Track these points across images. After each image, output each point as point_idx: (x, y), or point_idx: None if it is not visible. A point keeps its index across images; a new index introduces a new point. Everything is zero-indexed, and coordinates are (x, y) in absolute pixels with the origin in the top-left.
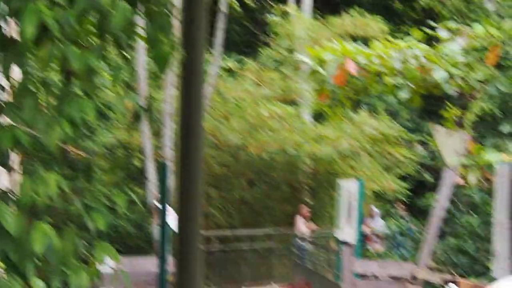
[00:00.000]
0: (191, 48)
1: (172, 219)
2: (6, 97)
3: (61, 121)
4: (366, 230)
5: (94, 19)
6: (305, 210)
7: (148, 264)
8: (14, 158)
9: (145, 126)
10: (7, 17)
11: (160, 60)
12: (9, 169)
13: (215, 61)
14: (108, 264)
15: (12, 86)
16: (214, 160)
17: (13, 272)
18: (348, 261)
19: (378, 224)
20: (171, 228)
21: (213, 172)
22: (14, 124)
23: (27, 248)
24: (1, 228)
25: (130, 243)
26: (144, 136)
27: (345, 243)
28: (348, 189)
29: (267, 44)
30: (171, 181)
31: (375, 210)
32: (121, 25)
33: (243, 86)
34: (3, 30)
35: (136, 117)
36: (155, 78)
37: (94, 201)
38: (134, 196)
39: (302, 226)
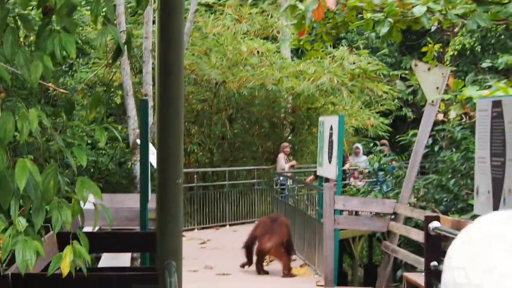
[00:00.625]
0: None
1: (152, 156)
2: None
3: (42, 56)
4: (348, 167)
5: None
6: (285, 146)
7: (129, 201)
8: None
9: (125, 63)
10: None
11: None
12: None
13: None
14: (89, 200)
15: None
16: (193, 96)
17: None
18: (329, 198)
19: (362, 161)
20: (152, 165)
21: (193, 108)
22: None
23: (10, 185)
24: None
25: (111, 180)
26: (124, 73)
27: (326, 179)
28: (329, 125)
29: None
30: (152, 117)
31: (360, 147)
32: None
33: (223, 22)
34: None
35: (117, 53)
36: (135, 14)
37: (75, 137)
38: (116, 132)
39: (283, 163)
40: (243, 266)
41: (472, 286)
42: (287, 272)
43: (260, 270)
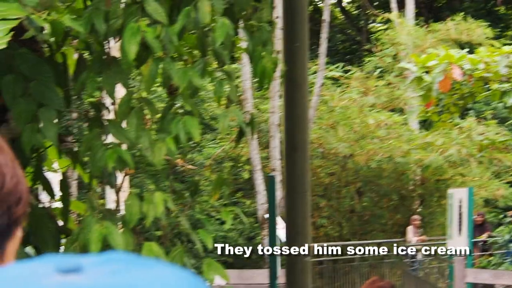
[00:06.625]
0: (294, 62)
1: (281, 230)
2: (111, 116)
3: (165, 138)
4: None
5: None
6: (415, 219)
7: (259, 276)
8: (120, 177)
9: (251, 137)
10: (109, 37)
11: (262, 75)
12: (116, 188)
13: (320, 70)
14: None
15: (116, 105)
16: (322, 170)
17: None
18: (460, 271)
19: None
20: (280, 240)
21: (321, 182)
22: (118, 142)
23: None
24: (110, 249)
25: (240, 255)
26: (252, 148)
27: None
28: (458, 197)
29: (371, 52)
30: (280, 192)
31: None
32: (222, 41)
33: (349, 95)
34: (106, 49)
35: (240, 134)
36: (261, 88)
37: (203, 214)
38: (239, 211)
39: (413, 235)
40: None
41: None
42: None
43: None
